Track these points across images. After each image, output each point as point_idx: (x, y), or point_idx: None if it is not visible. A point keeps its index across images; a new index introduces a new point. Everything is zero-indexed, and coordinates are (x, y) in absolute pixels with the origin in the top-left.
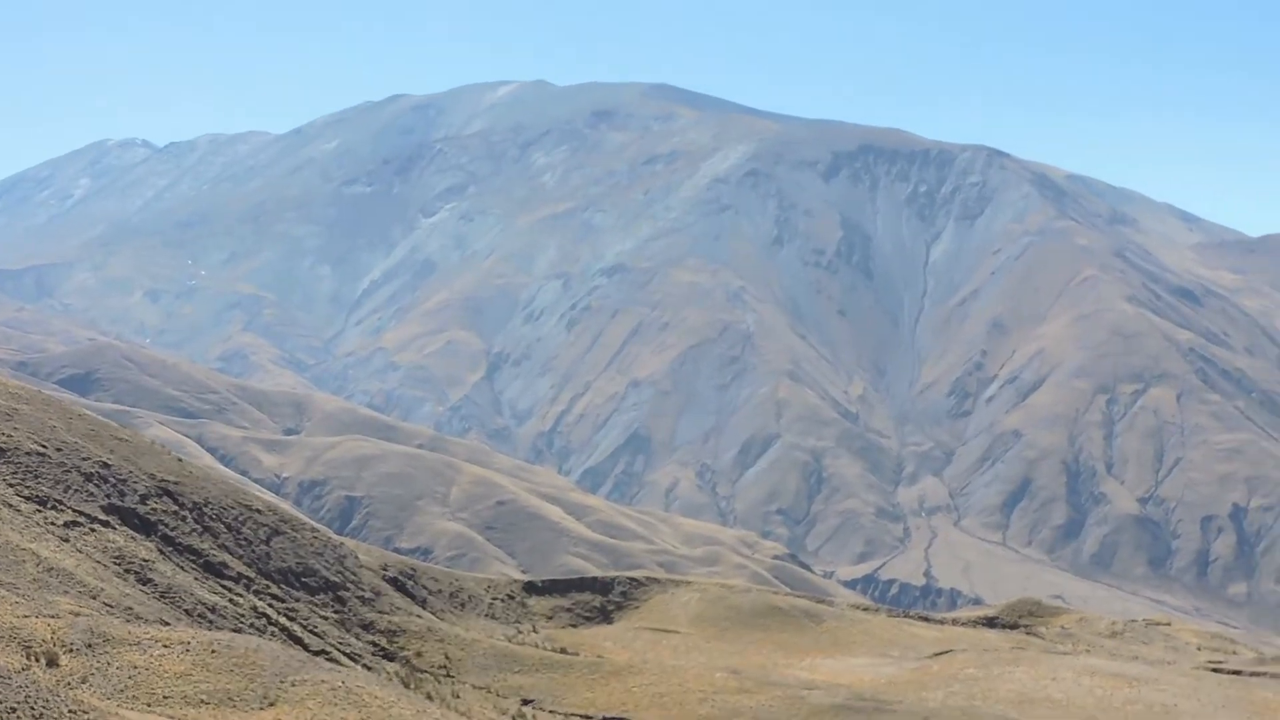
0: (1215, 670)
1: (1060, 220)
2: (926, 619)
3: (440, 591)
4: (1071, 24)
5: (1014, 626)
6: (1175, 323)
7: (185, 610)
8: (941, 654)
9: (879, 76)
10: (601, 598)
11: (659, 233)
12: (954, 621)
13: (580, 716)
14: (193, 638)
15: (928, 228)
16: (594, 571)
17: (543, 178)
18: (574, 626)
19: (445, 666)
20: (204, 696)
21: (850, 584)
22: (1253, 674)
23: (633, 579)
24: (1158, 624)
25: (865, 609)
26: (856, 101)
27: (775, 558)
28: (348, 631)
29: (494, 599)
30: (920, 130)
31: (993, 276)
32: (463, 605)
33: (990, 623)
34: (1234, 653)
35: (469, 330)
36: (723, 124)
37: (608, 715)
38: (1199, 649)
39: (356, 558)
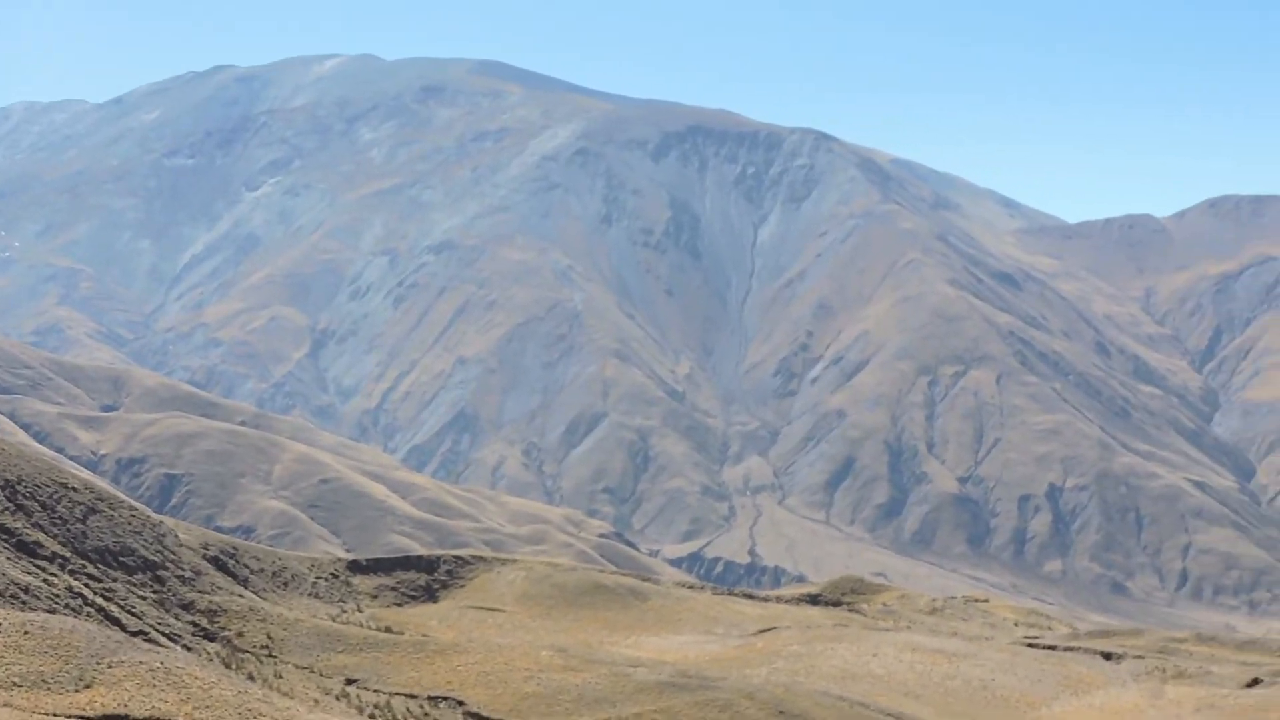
0: (1031, 645)
1: (885, 204)
2: (751, 596)
3: (263, 570)
4: (897, 9)
5: (837, 604)
6: (995, 306)
7: None
8: (765, 631)
9: (708, 58)
10: (427, 576)
11: (487, 210)
12: (778, 599)
13: (405, 696)
14: (4, 619)
15: (755, 209)
16: (419, 550)
17: (370, 153)
18: (399, 605)
19: (267, 646)
20: (16, 679)
21: (676, 562)
22: (1067, 649)
23: (458, 557)
24: (976, 601)
25: (690, 587)
26: (686, 82)
27: (601, 536)
28: (167, 612)
29: (318, 578)
30: (749, 112)
31: (819, 258)
32: (286, 584)
33: (813, 600)
34: (1049, 628)
35: (293, 306)
36: (552, 102)
37: (433, 694)
38: (1015, 625)
39: (176, 536)
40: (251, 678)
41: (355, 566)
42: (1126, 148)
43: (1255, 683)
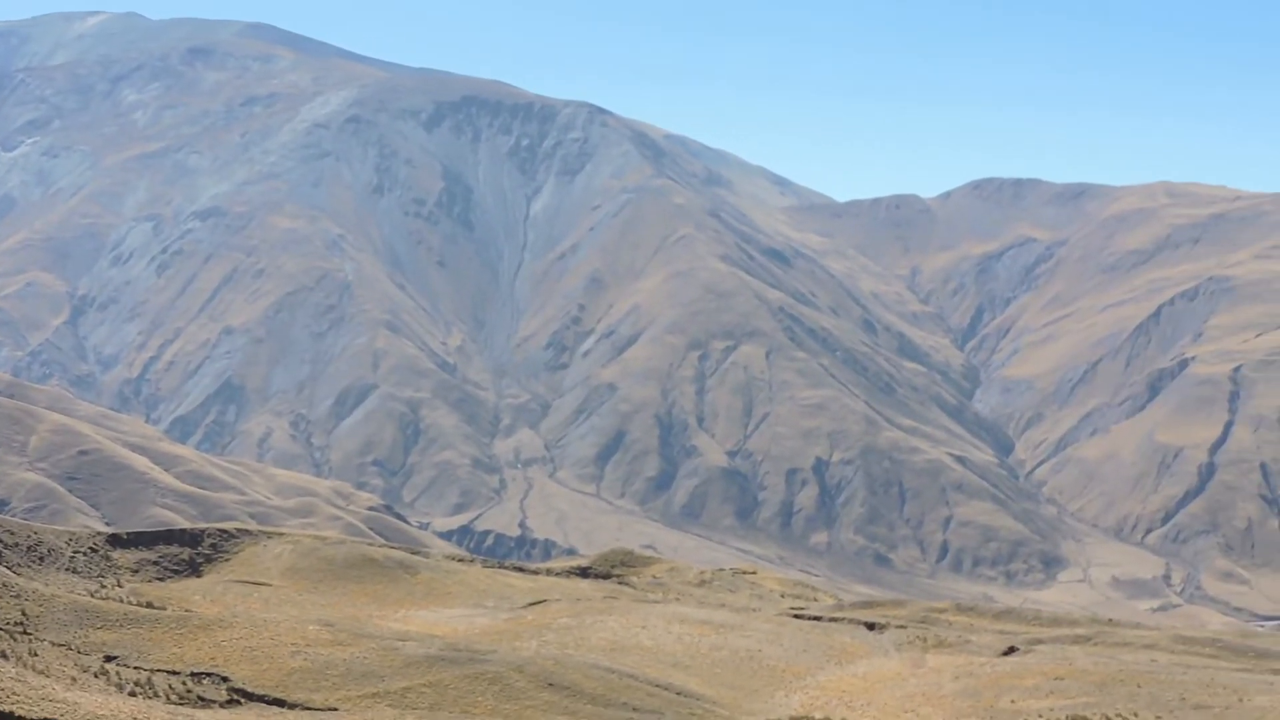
0: (797, 616)
1: (658, 179)
2: (521, 569)
3: (17, 545)
4: None
5: (607, 576)
6: (766, 282)
7: None
8: (536, 604)
9: (483, 28)
10: (190, 550)
11: (256, 177)
12: (548, 572)
13: (167, 673)
14: None
15: (529, 181)
16: (182, 523)
17: (134, 115)
18: (161, 580)
19: (22, 623)
20: None
21: (446, 535)
22: (831, 619)
23: (223, 531)
24: (744, 573)
25: (460, 560)
26: (460, 52)
27: (370, 509)
28: None
29: (75, 552)
30: (523, 84)
31: (591, 232)
32: (41, 559)
33: (584, 573)
34: (815, 599)
35: (51, 272)
36: (324, 68)
37: (196, 670)
38: (782, 596)
39: None
40: (4, 655)
41: (115, 540)
42: (895, 130)
43: (1011, 651)
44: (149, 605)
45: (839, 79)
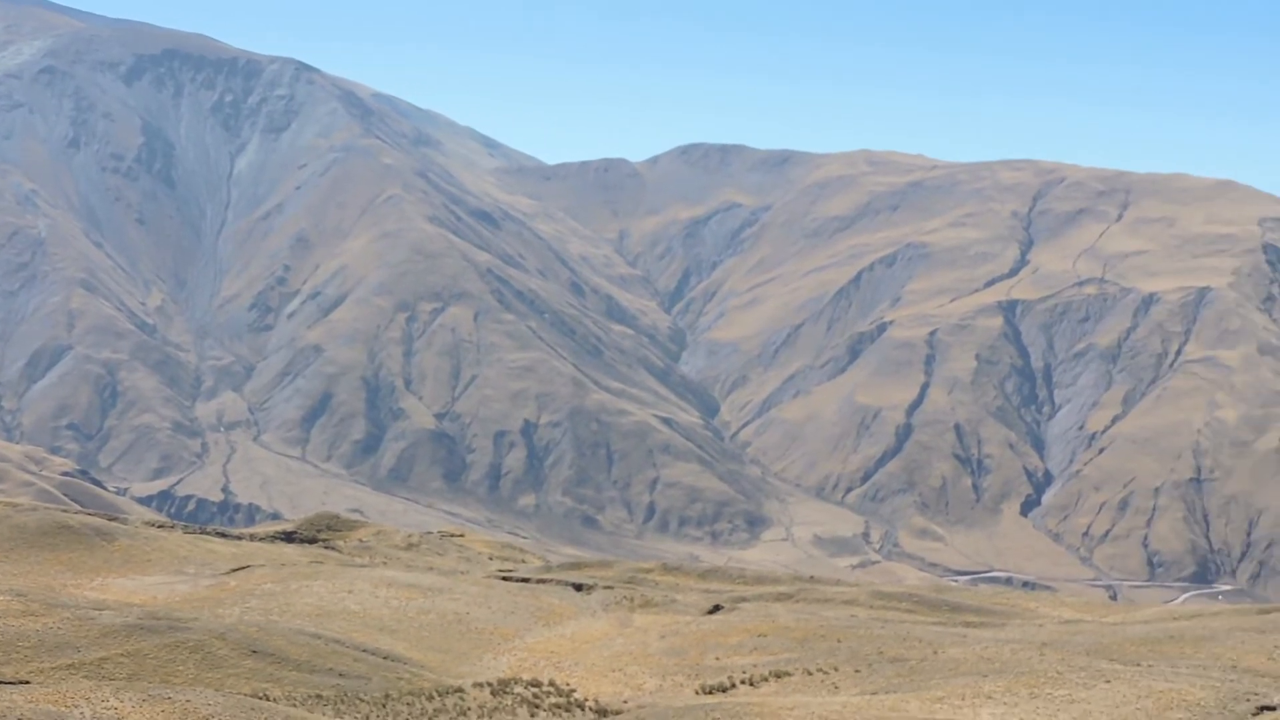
0: (505, 578)
1: (366, 138)
2: (224, 535)
3: None
4: None
5: (312, 540)
6: (474, 244)
7: None
8: (239, 570)
9: None
10: None
11: None
12: (252, 537)
13: None
14: None
15: (233, 138)
16: None
17: None
18: None
19: None
20: None
21: (146, 500)
22: (539, 581)
23: None
24: (452, 535)
25: (161, 526)
26: (162, 3)
27: (65, 474)
28: None
29: None
30: (227, 38)
31: (298, 191)
32: None
33: (289, 537)
34: (523, 561)
35: None
36: (16, 16)
37: None
38: (490, 559)
39: None
40: None
41: None
42: (604, 94)
43: (716, 609)
44: None
45: (548, 41)
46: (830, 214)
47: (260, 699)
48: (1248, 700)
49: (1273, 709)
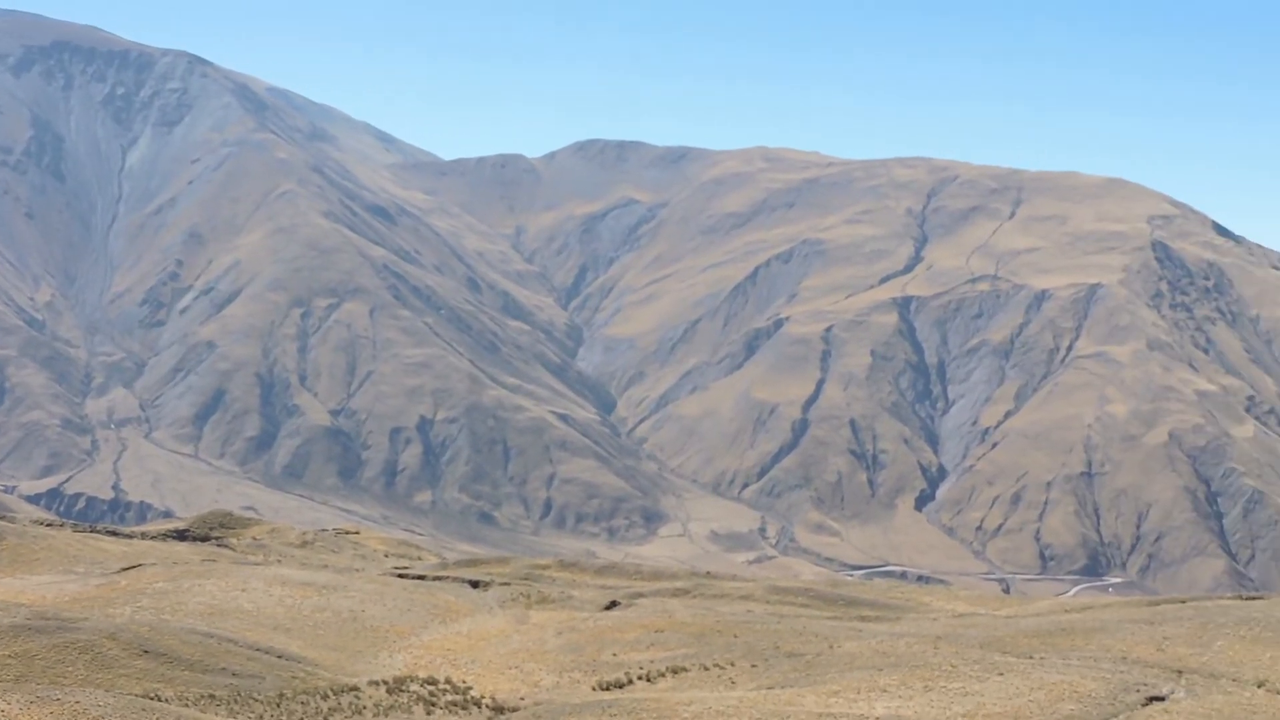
0: (401, 576)
1: (260, 132)
2: (115, 533)
3: None
4: None
5: (205, 539)
6: (370, 239)
7: None
8: (130, 569)
9: None
10: None
11: None
12: (143, 535)
13: None
14: None
15: (125, 132)
16: None
17: None
18: None
19: None
20: None
21: (34, 499)
22: (435, 578)
23: None
24: (347, 533)
25: (50, 524)
26: None
27: None
28: None
29: None
30: (119, 30)
31: (191, 185)
32: None
33: (181, 535)
34: (419, 559)
35: None
36: None
37: None
38: (386, 556)
39: None
40: None
41: None
42: (500, 90)
43: (613, 605)
44: None
45: (445, 36)
46: (727, 210)
47: (152, 699)
48: (1137, 691)
49: (1161, 699)
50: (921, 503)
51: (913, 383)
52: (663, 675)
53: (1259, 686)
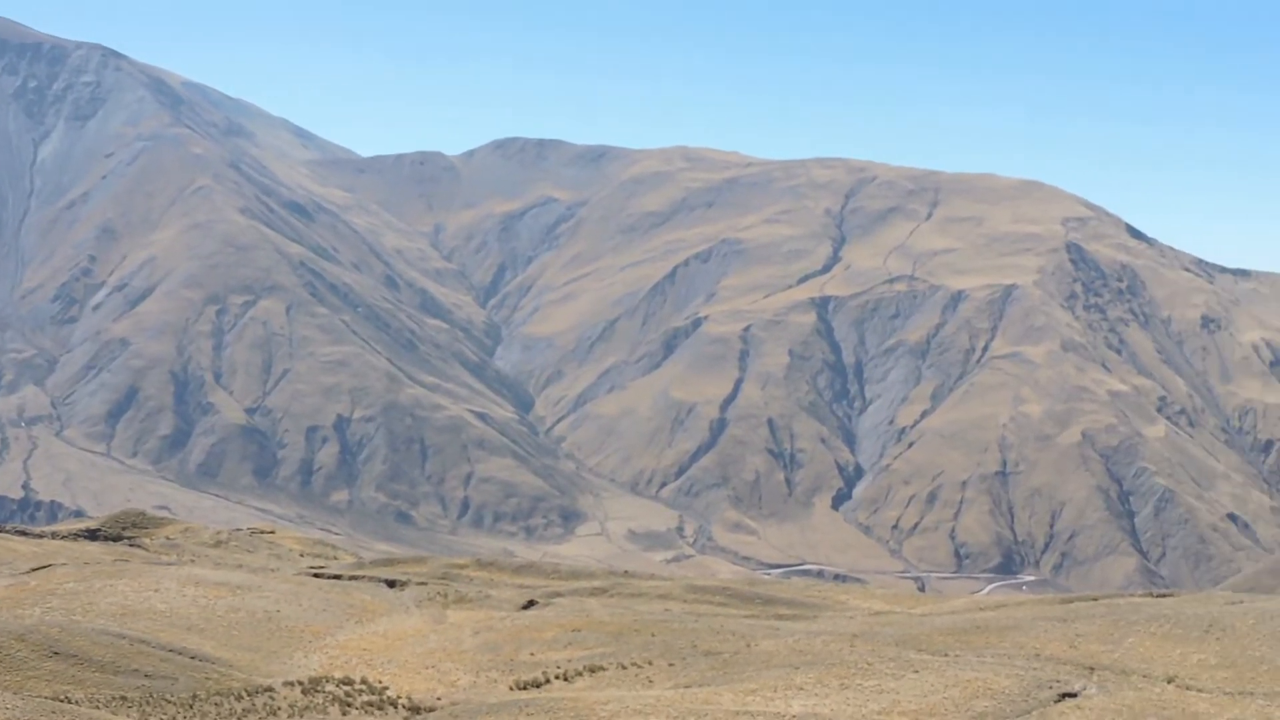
0: (316, 575)
1: (175, 127)
2: (24, 533)
3: None
4: None
5: (117, 539)
6: (287, 236)
7: None
8: (40, 569)
9: None
10: None
11: None
12: (54, 535)
13: None
14: None
15: (37, 125)
16: None
17: None
18: None
19: None
20: None
21: None
22: (352, 578)
23: None
24: (262, 532)
25: None
26: None
27: None
28: None
29: None
30: (31, 22)
31: (104, 180)
32: None
33: (92, 535)
34: (335, 558)
35: None
36: None
37: None
38: (301, 555)
39: None
40: None
41: None
42: (419, 87)
43: (530, 604)
44: None
45: (363, 33)
46: (646, 210)
47: (62, 702)
48: (1050, 688)
49: (1074, 695)
50: (838, 502)
51: (830, 382)
52: (580, 674)
53: (1169, 682)
